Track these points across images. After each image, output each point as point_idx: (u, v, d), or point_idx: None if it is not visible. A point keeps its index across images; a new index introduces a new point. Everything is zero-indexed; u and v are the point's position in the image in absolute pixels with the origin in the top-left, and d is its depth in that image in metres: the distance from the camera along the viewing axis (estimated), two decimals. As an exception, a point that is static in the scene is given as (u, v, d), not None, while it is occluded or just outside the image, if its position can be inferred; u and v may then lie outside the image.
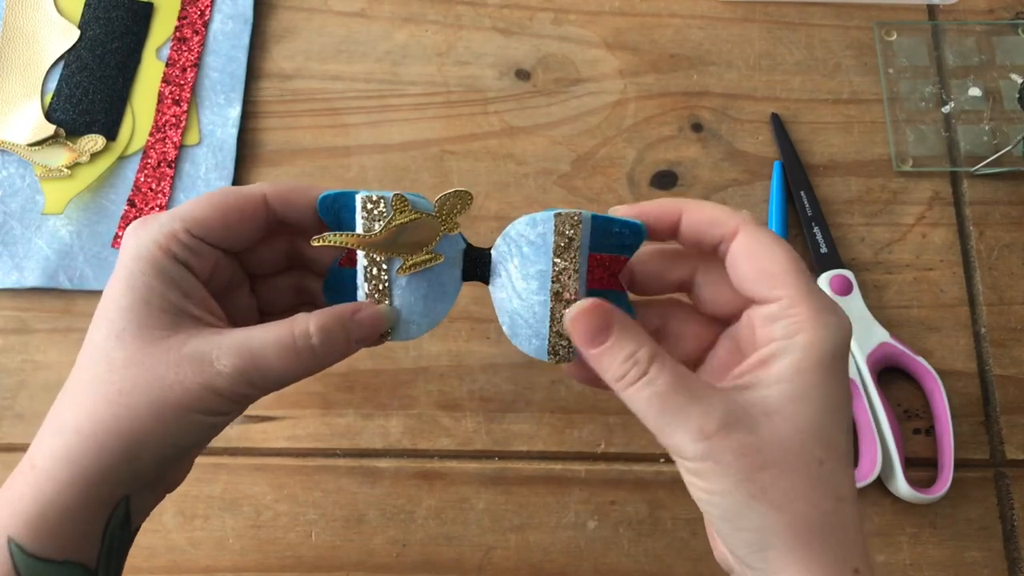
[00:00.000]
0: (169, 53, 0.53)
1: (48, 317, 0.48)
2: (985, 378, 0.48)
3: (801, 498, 0.27)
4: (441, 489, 0.46)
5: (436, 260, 0.32)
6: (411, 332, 0.33)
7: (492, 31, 0.55)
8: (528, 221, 0.32)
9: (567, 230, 0.31)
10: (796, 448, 0.27)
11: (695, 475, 0.28)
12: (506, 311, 0.33)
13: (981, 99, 0.53)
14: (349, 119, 0.53)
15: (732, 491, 0.27)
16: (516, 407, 0.47)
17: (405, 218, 0.32)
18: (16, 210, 0.49)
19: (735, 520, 0.28)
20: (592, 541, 0.45)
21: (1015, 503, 0.46)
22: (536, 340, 0.32)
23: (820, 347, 0.28)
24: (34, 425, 0.48)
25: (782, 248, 0.30)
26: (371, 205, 0.31)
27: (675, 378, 0.28)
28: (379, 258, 0.32)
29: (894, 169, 0.52)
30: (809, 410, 0.28)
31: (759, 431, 0.27)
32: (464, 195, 0.32)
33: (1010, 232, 0.51)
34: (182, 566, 0.44)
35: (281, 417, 0.47)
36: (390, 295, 0.32)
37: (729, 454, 0.27)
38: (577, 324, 0.30)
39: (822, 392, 0.28)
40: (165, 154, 0.51)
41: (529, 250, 0.32)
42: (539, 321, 0.32)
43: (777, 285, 0.29)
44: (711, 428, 0.27)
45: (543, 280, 0.32)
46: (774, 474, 0.27)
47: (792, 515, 0.27)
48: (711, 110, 0.53)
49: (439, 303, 0.33)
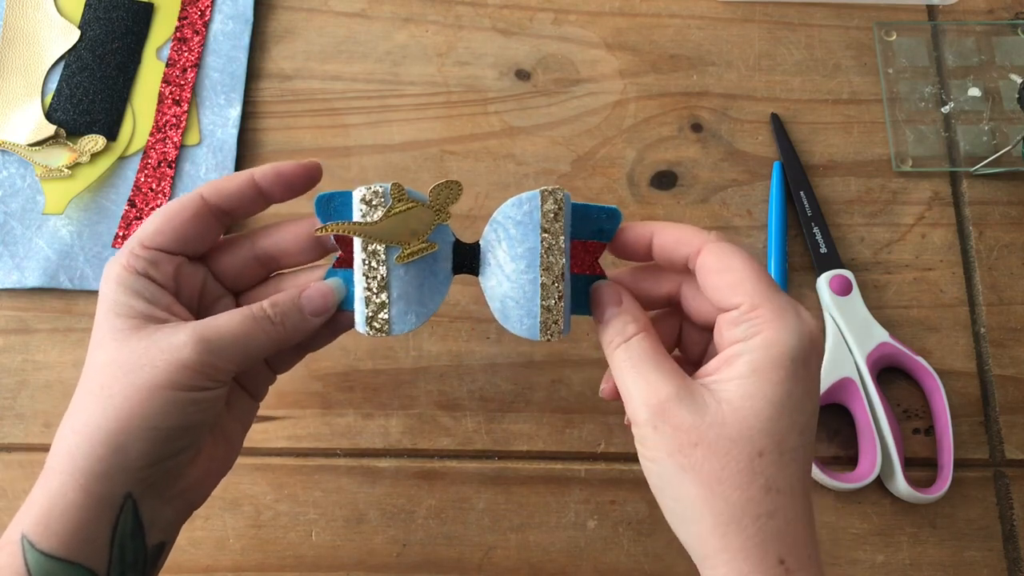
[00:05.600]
0: (169, 53, 0.53)
1: (48, 317, 0.48)
2: (985, 378, 0.48)
3: (728, 482, 0.29)
4: (441, 489, 0.46)
5: (432, 249, 0.33)
6: (409, 322, 0.34)
7: (492, 31, 0.55)
8: (514, 202, 0.33)
9: (552, 205, 0.33)
10: (734, 435, 0.29)
11: (640, 441, 0.31)
12: (497, 297, 0.34)
13: (981, 99, 0.53)
14: (349, 119, 0.53)
15: (665, 459, 0.30)
16: (516, 407, 0.47)
17: (403, 206, 0.33)
18: (17, 210, 0.49)
19: (667, 488, 0.30)
20: (592, 541, 0.45)
21: (1015, 503, 0.46)
22: (528, 319, 0.33)
23: (778, 346, 0.30)
24: (34, 425, 0.48)
25: (742, 257, 0.32)
26: (370, 196, 0.32)
27: (650, 350, 0.32)
28: (378, 248, 0.33)
29: (894, 169, 0.52)
30: (759, 404, 0.29)
31: (704, 413, 0.29)
32: (455, 185, 0.33)
33: (1010, 232, 0.51)
34: (182, 566, 0.44)
35: (281, 417, 0.47)
36: (388, 286, 0.33)
37: (669, 425, 0.29)
38: (598, 293, 0.34)
39: (779, 391, 0.29)
40: (165, 154, 0.51)
41: (516, 230, 0.33)
42: (529, 299, 0.33)
43: (737, 292, 0.31)
44: (661, 397, 0.30)
45: (532, 257, 0.33)
46: (705, 454, 0.29)
47: (717, 495, 0.29)
48: (711, 110, 0.53)
49: (435, 293, 0.34)
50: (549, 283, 0.33)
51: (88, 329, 0.44)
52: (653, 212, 0.51)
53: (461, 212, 0.51)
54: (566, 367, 0.48)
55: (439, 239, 0.34)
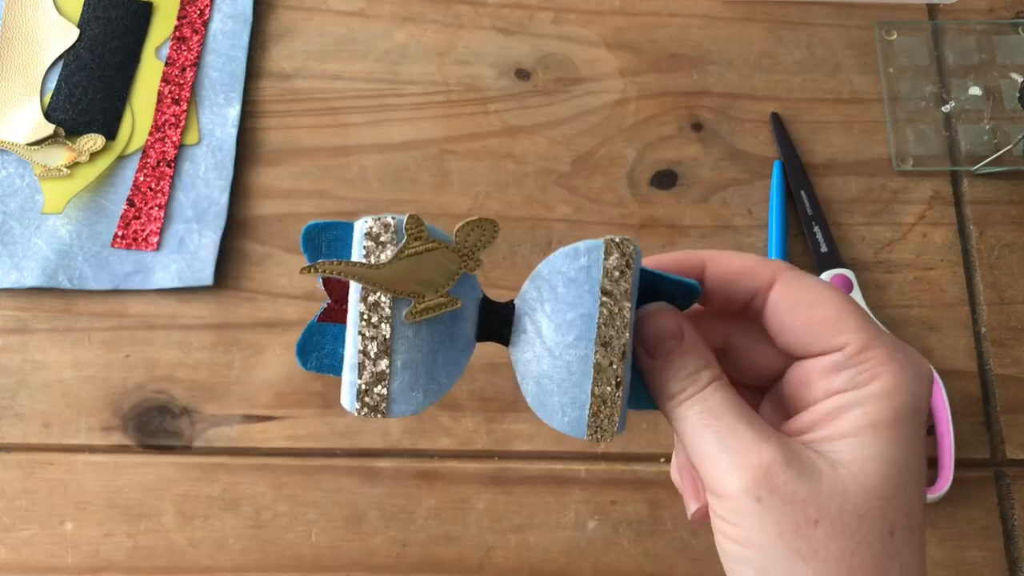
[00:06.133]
0: (168, 52, 0.53)
1: (48, 317, 0.48)
2: (986, 378, 0.48)
3: (861, 567, 0.23)
4: (441, 489, 0.46)
5: (454, 305, 0.25)
6: (415, 401, 0.26)
7: (492, 31, 0.55)
8: (567, 252, 0.26)
9: (618, 260, 0.25)
10: (862, 509, 0.23)
11: (730, 519, 0.24)
12: (532, 376, 0.26)
13: (981, 98, 0.53)
14: (349, 119, 0.52)
15: (773, 544, 0.23)
16: (516, 407, 0.47)
17: (421, 246, 0.25)
18: (15, 210, 0.49)
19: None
20: (592, 541, 0.45)
21: (1015, 503, 0.46)
22: (572, 409, 0.25)
23: (898, 397, 0.24)
24: (33, 425, 0.48)
25: (834, 292, 0.26)
26: (378, 229, 0.25)
27: (735, 401, 0.25)
28: (382, 300, 0.25)
29: (894, 168, 0.52)
30: (884, 468, 0.23)
31: (820, 481, 0.23)
32: (489, 225, 0.26)
33: (1010, 231, 0.51)
34: (182, 566, 0.44)
35: (281, 417, 0.47)
36: (391, 351, 0.25)
37: (778, 498, 0.23)
38: (650, 321, 0.26)
39: (902, 451, 0.24)
40: (164, 154, 0.51)
41: (566, 290, 0.25)
42: (576, 383, 0.25)
43: (838, 332, 0.25)
44: (763, 461, 0.23)
45: (585, 327, 0.25)
46: (830, 533, 0.23)
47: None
48: (711, 109, 0.53)
49: (451, 365, 0.26)
50: (606, 364, 0.25)
51: (88, 329, 0.44)
52: (654, 212, 0.51)
53: (458, 213, 0.50)
54: (566, 367, 0.48)
55: (463, 294, 0.26)
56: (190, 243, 0.49)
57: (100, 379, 0.46)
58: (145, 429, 0.46)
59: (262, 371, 0.47)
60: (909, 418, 0.24)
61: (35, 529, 0.44)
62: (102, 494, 0.45)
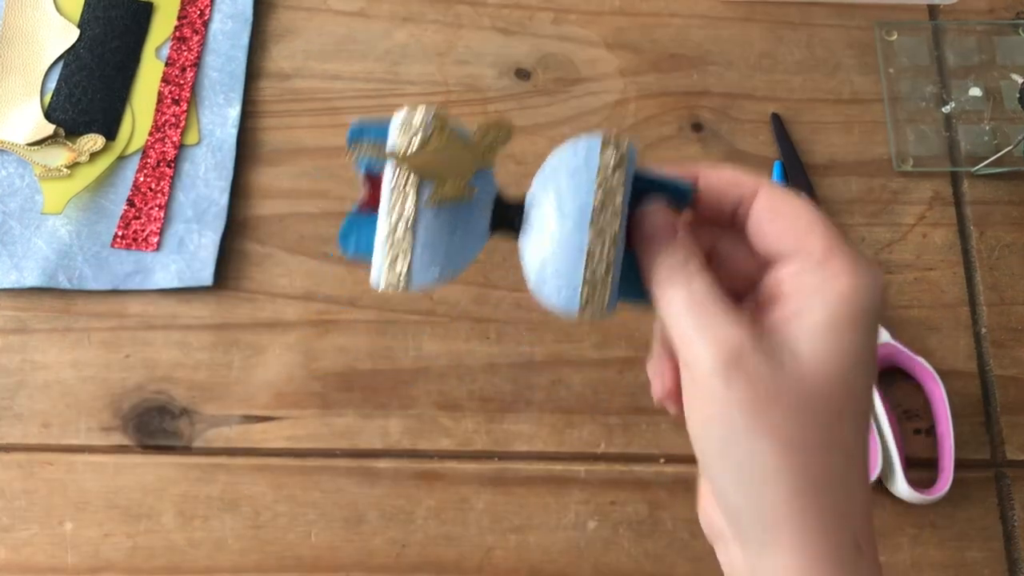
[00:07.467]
0: (169, 53, 0.53)
1: (47, 317, 0.48)
2: (986, 378, 0.48)
3: (809, 445, 0.25)
4: (441, 489, 0.46)
5: (470, 194, 0.28)
6: (432, 275, 0.29)
7: (492, 31, 0.55)
8: (568, 146, 0.28)
9: (613, 155, 0.28)
10: (815, 392, 0.26)
11: (701, 394, 0.27)
12: (535, 260, 0.29)
13: (982, 99, 0.53)
14: (349, 119, 0.52)
15: (736, 416, 0.25)
16: (516, 407, 0.47)
17: (443, 140, 0.29)
18: (15, 210, 0.49)
19: (731, 449, 0.26)
20: (592, 541, 0.45)
21: (1015, 503, 0.46)
22: (566, 289, 0.28)
23: (857, 298, 0.26)
24: (32, 425, 0.48)
25: (808, 204, 0.28)
26: (409, 120, 0.28)
27: (714, 289, 0.27)
28: (408, 183, 0.28)
29: (894, 169, 0.52)
30: (838, 359, 0.26)
31: (782, 367, 0.26)
32: (505, 126, 0.29)
33: (1011, 232, 0.51)
34: (182, 567, 0.44)
35: (281, 417, 0.46)
36: (415, 229, 0.28)
37: (744, 376, 0.25)
38: (647, 215, 0.29)
39: (856, 347, 0.26)
40: (165, 154, 0.51)
41: (568, 182, 0.28)
42: (572, 266, 0.28)
43: (808, 239, 0.28)
44: (735, 343, 0.26)
45: (582, 215, 0.28)
46: (785, 412, 0.25)
47: (796, 459, 0.25)
48: (711, 110, 0.53)
49: (465, 248, 0.29)
50: (597, 249, 0.28)
51: (87, 329, 0.44)
52: (653, 212, 0.51)
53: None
54: (566, 367, 0.48)
55: (480, 187, 0.29)
56: (190, 243, 0.49)
57: (100, 379, 0.46)
58: (145, 429, 0.46)
59: (262, 371, 0.47)
60: (863, 318, 0.26)
61: (35, 529, 0.44)
62: (102, 494, 0.45)
